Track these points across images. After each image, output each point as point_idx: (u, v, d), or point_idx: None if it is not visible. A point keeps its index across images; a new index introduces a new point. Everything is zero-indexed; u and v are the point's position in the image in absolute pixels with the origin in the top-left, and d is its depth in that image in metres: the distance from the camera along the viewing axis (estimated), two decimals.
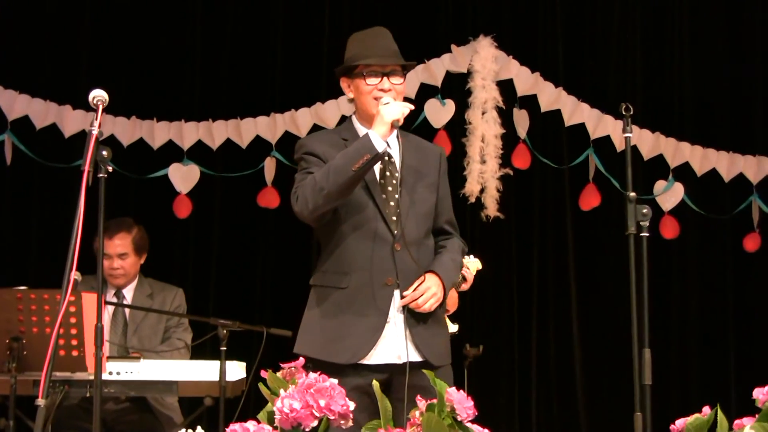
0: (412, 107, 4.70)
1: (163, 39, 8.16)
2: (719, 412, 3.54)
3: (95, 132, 4.36)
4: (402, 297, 4.60)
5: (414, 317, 4.63)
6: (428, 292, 4.60)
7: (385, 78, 4.72)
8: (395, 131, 4.66)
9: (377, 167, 4.69)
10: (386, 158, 4.72)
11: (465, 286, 6.51)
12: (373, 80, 4.72)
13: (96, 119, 4.41)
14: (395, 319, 4.62)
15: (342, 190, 4.51)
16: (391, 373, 4.57)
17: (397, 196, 4.68)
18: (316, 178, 4.54)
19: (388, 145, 4.66)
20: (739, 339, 8.41)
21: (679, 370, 8.29)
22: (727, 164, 8.40)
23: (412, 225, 4.69)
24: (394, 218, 4.65)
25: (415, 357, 4.60)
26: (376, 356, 4.59)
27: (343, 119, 7.87)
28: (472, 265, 6.58)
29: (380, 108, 4.60)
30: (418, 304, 4.59)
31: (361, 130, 4.73)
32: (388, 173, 4.73)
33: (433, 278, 4.64)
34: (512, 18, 8.42)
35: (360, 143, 4.55)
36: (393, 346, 4.60)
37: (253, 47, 8.26)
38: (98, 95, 4.49)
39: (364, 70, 4.74)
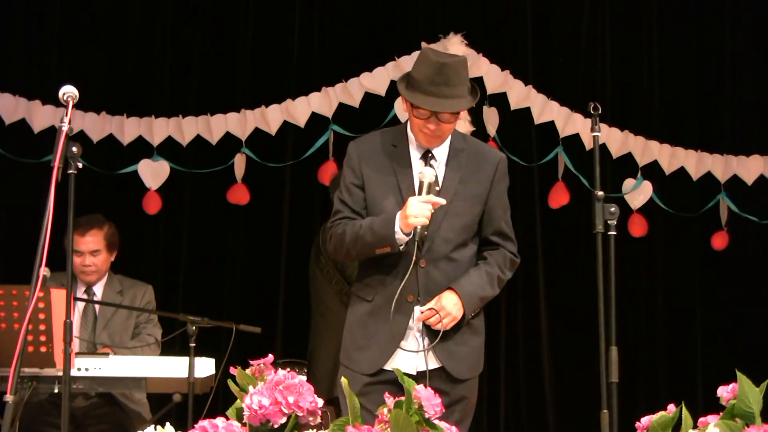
0: (426, 222, 4.59)
1: (133, 35, 8.16)
2: (684, 409, 3.56)
3: (65, 128, 4.36)
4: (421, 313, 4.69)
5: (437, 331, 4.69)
6: (442, 311, 4.65)
7: (434, 116, 4.68)
8: (448, 141, 4.79)
9: (416, 179, 4.72)
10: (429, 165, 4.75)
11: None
12: (421, 115, 4.69)
13: (66, 115, 4.41)
14: (414, 333, 4.70)
15: (364, 257, 4.76)
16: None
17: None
18: (346, 239, 4.71)
19: (433, 156, 4.76)
20: (706, 338, 8.45)
21: (646, 368, 8.33)
22: (695, 163, 8.44)
23: (441, 241, 4.73)
24: (426, 232, 4.64)
25: (433, 365, 4.70)
26: (395, 364, 4.63)
27: (313, 116, 7.95)
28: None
29: (409, 216, 4.53)
30: (431, 323, 4.65)
31: (413, 140, 4.79)
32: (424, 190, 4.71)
33: (451, 297, 4.69)
34: (482, 16, 8.43)
35: (386, 231, 4.60)
36: (410, 358, 4.69)
37: (223, 44, 8.25)
38: (68, 91, 4.48)
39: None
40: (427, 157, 4.74)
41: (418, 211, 4.54)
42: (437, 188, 4.73)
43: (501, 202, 4.94)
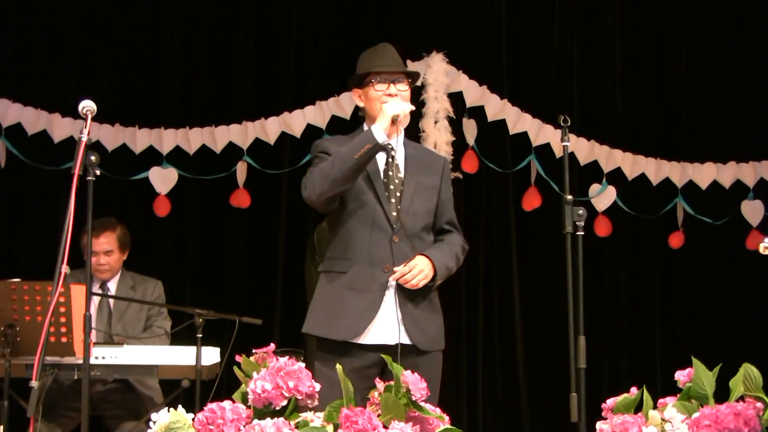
0: (413, 107, 4.73)
1: (144, 53, 8.15)
2: (645, 392, 3.58)
3: (84, 139, 4.37)
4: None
5: (408, 300, 4.66)
6: (416, 269, 4.61)
7: (391, 84, 4.77)
8: (401, 135, 4.76)
9: (381, 165, 4.76)
10: (390, 159, 4.78)
11: None
12: (381, 86, 4.77)
13: (85, 127, 4.41)
14: (390, 301, 4.64)
15: (345, 176, 4.57)
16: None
17: (398, 193, 4.73)
18: (323, 166, 4.62)
19: (393, 148, 4.75)
20: (664, 327, 8.46)
21: (610, 355, 8.33)
22: (655, 169, 8.45)
23: (411, 220, 4.73)
24: (395, 213, 4.69)
25: (405, 340, 4.63)
26: (371, 336, 4.61)
27: (308, 127, 7.96)
28: None
29: (383, 105, 4.66)
30: (406, 279, 4.60)
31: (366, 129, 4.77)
32: (391, 172, 4.77)
33: (423, 259, 4.66)
34: (462, 36, 8.44)
35: (363, 135, 4.63)
36: (387, 327, 4.62)
37: (226, 61, 8.25)
38: (87, 105, 4.49)
39: (373, 79, 4.78)
40: (386, 148, 4.73)
41: (395, 104, 4.64)
42: (400, 174, 4.78)
43: (450, 197, 5.00)
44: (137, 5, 8.19)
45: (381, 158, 4.76)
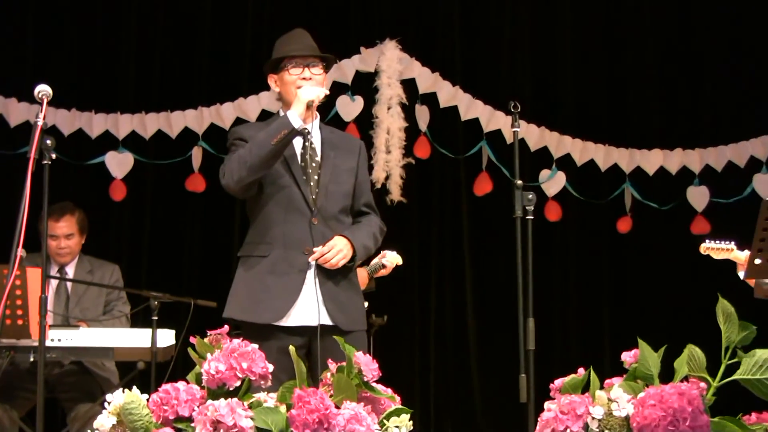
0: (327, 92, 4.73)
1: (100, 38, 8.12)
2: (592, 372, 3.61)
3: (40, 123, 4.33)
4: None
5: (328, 281, 4.66)
6: (335, 248, 4.61)
7: (306, 68, 4.75)
8: (317, 120, 4.76)
9: (298, 149, 4.74)
10: (307, 142, 4.76)
11: (383, 272, 6.59)
12: (295, 71, 4.76)
13: (41, 111, 4.38)
14: (310, 282, 4.63)
15: (263, 162, 4.55)
16: (309, 337, 4.59)
17: (316, 177, 4.72)
18: (241, 153, 4.59)
19: (310, 132, 4.73)
20: (612, 309, 8.53)
21: (559, 337, 8.40)
22: (603, 155, 8.50)
23: (329, 202, 4.73)
24: (313, 196, 4.69)
25: (327, 321, 4.61)
26: (293, 318, 4.60)
27: (263, 113, 7.94)
28: (393, 258, 6.65)
29: (298, 90, 4.65)
30: (326, 258, 4.59)
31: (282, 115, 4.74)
32: (308, 156, 4.76)
33: (342, 239, 4.66)
34: (415, 24, 8.46)
35: (279, 121, 4.61)
36: (309, 309, 4.61)
37: (182, 48, 8.23)
38: (43, 90, 4.46)
39: (288, 63, 4.77)
40: (303, 133, 4.71)
41: (310, 89, 4.64)
42: (317, 157, 4.78)
43: (366, 178, 5.02)
44: None
45: (298, 143, 4.75)
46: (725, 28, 8.65)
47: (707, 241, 6.02)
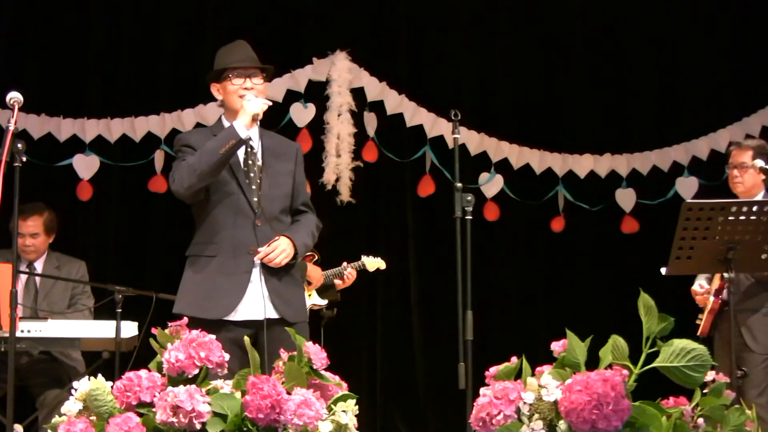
0: (270, 103, 4.77)
1: (68, 47, 8.08)
2: (524, 361, 3.64)
3: (12, 128, 4.34)
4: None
5: (272, 277, 4.69)
6: (279, 248, 4.66)
7: (247, 79, 4.78)
8: (256, 127, 4.78)
9: (241, 155, 4.77)
10: (249, 149, 4.78)
11: (341, 285, 6.68)
12: (237, 81, 4.78)
13: (12, 117, 4.38)
14: (256, 280, 4.67)
15: (212, 170, 4.60)
16: (256, 329, 4.62)
17: (258, 181, 4.75)
18: (190, 161, 4.62)
19: (251, 139, 4.75)
20: (546, 303, 8.57)
21: (497, 328, 8.40)
22: (538, 160, 8.54)
23: (271, 205, 4.77)
24: (256, 199, 4.72)
25: (273, 314, 4.66)
26: (241, 313, 4.65)
27: (221, 118, 7.92)
28: (373, 263, 6.71)
29: (244, 103, 4.67)
30: (270, 258, 4.64)
31: (228, 125, 4.76)
32: (250, 161, 4.79)
33: (285, 239, 4.70)
34: (364, 36, 8.47)
35: (227, 131, 4.64)
36: (255, 304, 4.65)
37: (145, 56, 8.21)
38: (14, 96, 4.47)
39: (230, 74, 4.79)
40: (247, 142, 4.73)
41: (255, 102, 4.66)
42: (259, 163, 4.79)
43: (303, 180, 5.05)
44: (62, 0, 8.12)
45: (240, 150, 4.77)
46: (652, 44, 8.72)
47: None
